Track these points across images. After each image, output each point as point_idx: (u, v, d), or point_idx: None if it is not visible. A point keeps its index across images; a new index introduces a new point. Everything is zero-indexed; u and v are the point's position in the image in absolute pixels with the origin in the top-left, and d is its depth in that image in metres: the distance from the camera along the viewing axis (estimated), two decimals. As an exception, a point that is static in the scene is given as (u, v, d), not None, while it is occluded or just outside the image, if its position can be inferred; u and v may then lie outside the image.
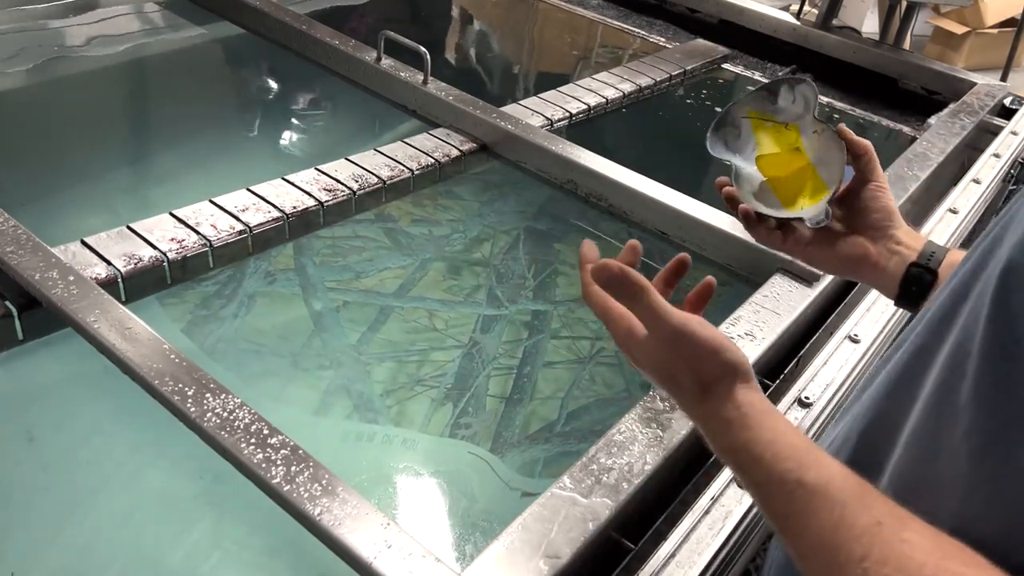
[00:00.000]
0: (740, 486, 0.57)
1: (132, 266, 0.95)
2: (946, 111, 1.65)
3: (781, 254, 1.08)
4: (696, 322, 0.54)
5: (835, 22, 1.97)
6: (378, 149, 1.27)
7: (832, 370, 0.93)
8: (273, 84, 1.70)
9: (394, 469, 0.90)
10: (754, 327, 0.94)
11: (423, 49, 1.35)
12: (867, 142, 0.71)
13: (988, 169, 1.41)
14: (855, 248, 0.71)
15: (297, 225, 1.10)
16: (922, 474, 0.47)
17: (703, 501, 0.72)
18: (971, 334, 0.43)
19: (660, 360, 0.55)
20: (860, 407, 0.56)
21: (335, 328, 1.09)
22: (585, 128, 1.50)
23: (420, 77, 1.41)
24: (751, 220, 0.75)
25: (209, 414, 0.72)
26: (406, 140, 1.31)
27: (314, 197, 1.12)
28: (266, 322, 1.07)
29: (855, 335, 0.99)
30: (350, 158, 1.23)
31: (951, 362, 0.45)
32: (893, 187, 1.29)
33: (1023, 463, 0.40)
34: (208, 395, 0.73)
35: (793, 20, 1.99)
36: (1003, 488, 0.41)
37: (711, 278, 0.61)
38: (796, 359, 0.95)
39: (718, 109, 1.76)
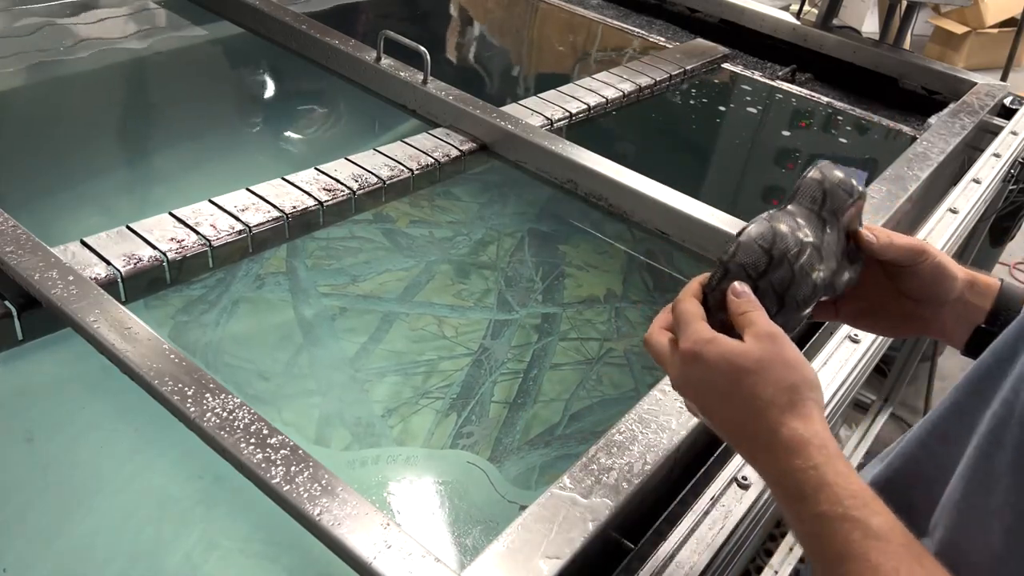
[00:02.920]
0: (785, 518, 0.53)
1: (132, 266, 0.95)
2: (946, 111, 1.64)
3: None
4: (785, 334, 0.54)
5: (835, 22, 1.97)
6: (378, 149, 1.27)
7: (832, 370, 0.93)
8: (273, 84, 1.70)
9: (390, 485, 0.89)
10: (754, 327, 0.94)
11: (423, 49, 1.35)
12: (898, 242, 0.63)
13: (988, 169, 1.41)
14: (916, 313, 0.65)
15: (297, 225, 1.10)
16: (956, 541, 0.46)
17: (703, 501, 0.72)
18: (1011, 405, 0.41)
19: (750, 351, 0.52)
20: (897, 457, 0.54)
21: (333, 339, 1.07)
22: (585, 128, 1.50)
23: (420, 77, 1.41)
24: None
25: (209, 414, 0.71)
26: (406, 140, 1.31)
27: (314, 197, 1.12)
28: (256, 330, 1.05)
29: (855, 335, 0.99)
30: (350, 158, 1.23)
31: (991, 430, 0.43)
32: (894, 187, 1.29)
33: None
34: (208, 395, 0.73)
35: (793, 20, 1.99)
36: None
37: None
38: (796, 359, 0.95)
39: (720, 109, 1.76)
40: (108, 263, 0.94)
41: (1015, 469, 0.41)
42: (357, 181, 1.17)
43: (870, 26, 3.79)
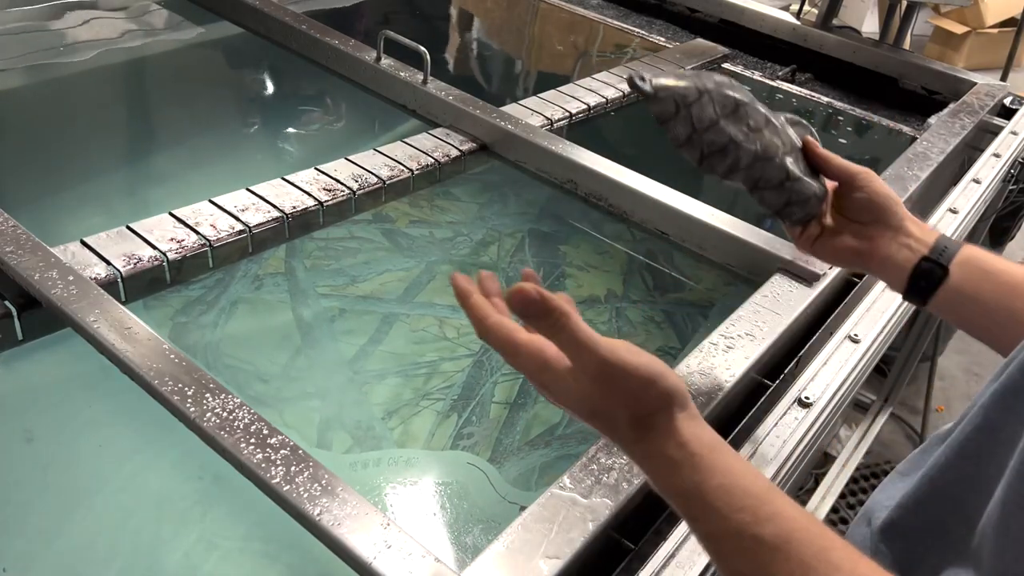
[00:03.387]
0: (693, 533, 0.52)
1: (132, 266, 0.95)
2: (946, 111, 1.64)
3: (781, 254, 1.08)
4: (624, 349, 0.48)
5: (835, 22, 1.97)
6: (378, 149, 1.27)
7: (832, 370, 0.93)
8: (273, 84, 1.70)
9: (389, 486, 0.88)
10: (754, 327, 0.94)
11: (423, 49, 1.35)
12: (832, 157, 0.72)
13: (988, 169, 1.41)
14: (859, 240, 0.69)
15: (297, 225, 1.10)
16: (1003, 570, 0.44)
17: (703, 501, 0.72)
18: None
19: (587, 396, 0.48)
20: (925, 478, 0.53)
21: (332, 340, 1.06)
22: (585, 128, 1.50)
23: (420, 77, 1.41)
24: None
25: (209, 414, 0.71)
26: (406, 140, 1.31)
27: (314, 197, 1.12)
28: (255, 332, 1.05)
29: (855, 335, 0.99)
30: (350, 158, 1.23)
31: None
32: (893, 187, 1.29)
33: None
34: (208, 395, 0.73)
35: (793, 20, 1.99)
36: None
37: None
38: (796, 359, 0.95)
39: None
40: (108, 263, 0.94)
41: None
42: (357, 181, 1.17)
43: (870, 26, 3.80)
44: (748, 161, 0.68)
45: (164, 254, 0.97)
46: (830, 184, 0.73)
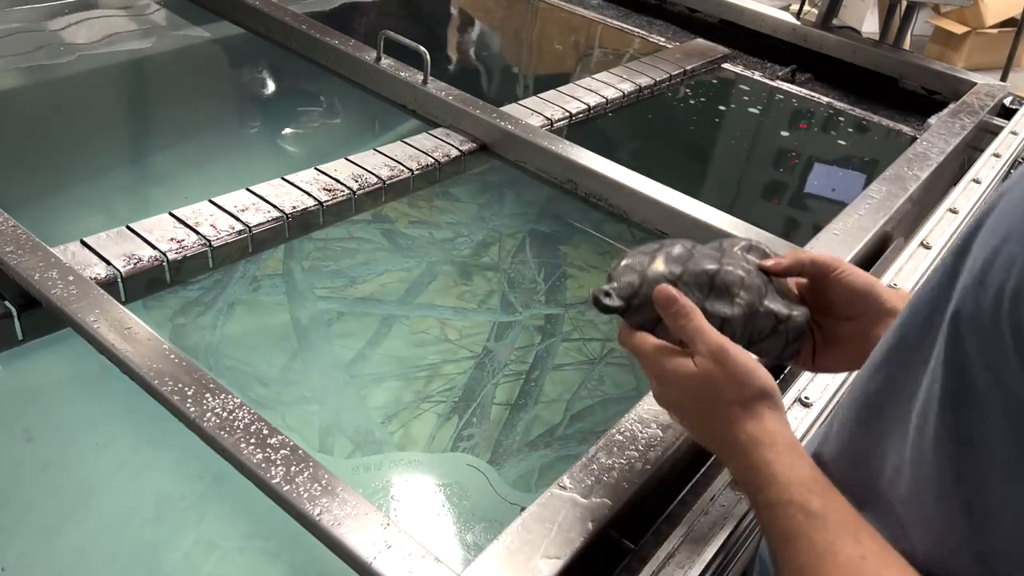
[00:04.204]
0: (751, 508, 0.61)
1: (132, 266, 0.95)
2: (946, 111, 1.64)
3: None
4: (733, 344, 0.59)
5: (835, 22, 1.97)
6: (378, 149, 1.27)
7: (832, 370, 0.93)
8: (273, 84, 1.70)
9: (389, 488, 0.88)
10: (754, 327, 0.94)
11: (423, 49, 1.35)
12: (797, 258, 0.68)
13: (988, 169, 1.41)
14: (856, 340, 0.67)
15: (297, 225, 1.10)
16: (906, 509, 0.47)
17: (703, 501, 0.72)
18: (936, 376, 0.43)
19: (699, 374, 0.58)
20: (837, 425, 0.57)
21: (328, 343, 1.05)
22: (585, 128, 1.50)
23: (420, 77, 1.41)
24: None
25: (209, 414, 0.71)
26: (406, 140, 1.31)
27: (314, 197, 1.12)
28: (253, 334, 1.04)
29: (855, 335, 0.99)
30: (350, 158, 1.23)
31: (923, 403, 0.44)
32: (894, 187, 1.29)
33: (977, 521, 0.41)
34: (208, 395, 0.73)
35: (793, 20, 1.99)
36: (963, 541, 0.42)
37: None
38: (796, 359, 0.95)
39: (720, 109, 1.76)
40: (108, 263, 0.94)
41: (936, 445, 0.43)
42: (357, 181, 1.17)
43: (870, 26, 3.80)
44: (740, 327, 0.64)
45: (164, 254, 0.97)
46: (801, 281, 0.69)
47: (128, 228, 1.00)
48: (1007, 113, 1.70)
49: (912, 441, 0.45)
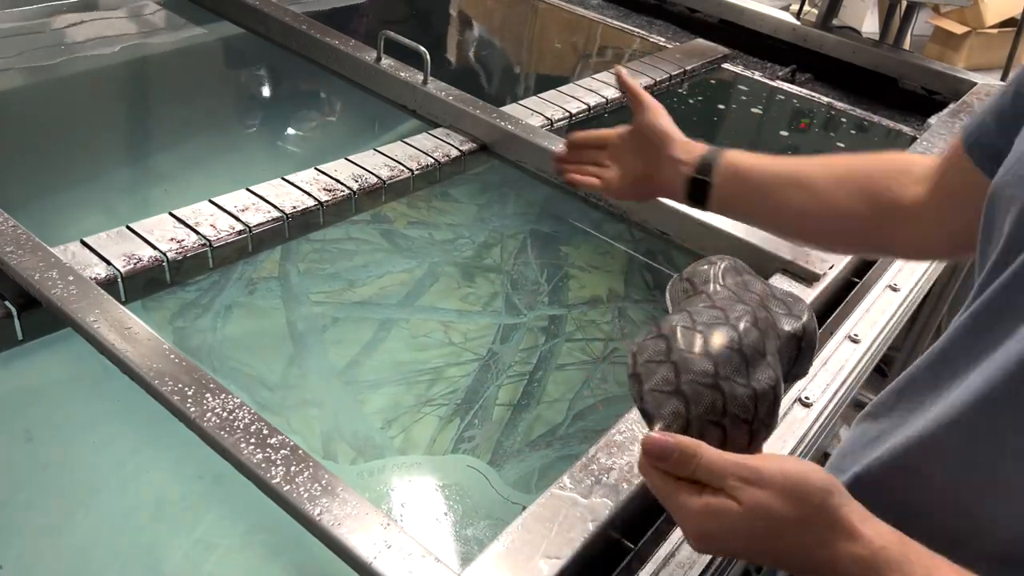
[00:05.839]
0: None
1: (132, 266, 0.95)
2: (946, 111, 1.65)
3: (781, 254, 1.08)
4: (758, 457, 0.49)
5: (835, 22, 1.97)
6: (378, 149, 1.27)
7: (832, 370, 0.93)
8: (273, 84, 1.70)
9: (389, 490, 0.88)
10: (754, 327, 0.94)
11: (423, 49, 1.35)
12: (634, 85, 0.86)
13: (988, 169, 1.41)
14: (641, 170, 0.84)
15: (297, 225, 1.10)
16: None
17: (703, 501, 0.72)
18: None
19: (756, 507, 0.47)
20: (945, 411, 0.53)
21: (325, 345, 1.05)
22: (585, 128, 1.49)
23: (420, 77, 1.41)
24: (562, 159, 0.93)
25: (209, 414, 0.71)
26: (406, 140, 1.31)
27: (314, 197, 1.12)
28: (254, 337, 1.04)
29: (855, 335, 0.99)
30: (350, 158, 1.23)
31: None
32: (893, 187, 1.29)
33: None
34: (208, 395, 0.73)
35: (793, 20, 1.99)
36: None
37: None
38: (796, 359, 0.95)
39: (720, 109, 1.76)
40: (108, 263, 0.94)
41: None
42: (357, 181, 1.17)
43: (870, 26, 3.79)
44: (782, 376, 0.56)
45: (164, 254, 0.97)
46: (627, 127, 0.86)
47: (128, 228, 1.00)
48: (1007, 113, 1.70)
49: None
